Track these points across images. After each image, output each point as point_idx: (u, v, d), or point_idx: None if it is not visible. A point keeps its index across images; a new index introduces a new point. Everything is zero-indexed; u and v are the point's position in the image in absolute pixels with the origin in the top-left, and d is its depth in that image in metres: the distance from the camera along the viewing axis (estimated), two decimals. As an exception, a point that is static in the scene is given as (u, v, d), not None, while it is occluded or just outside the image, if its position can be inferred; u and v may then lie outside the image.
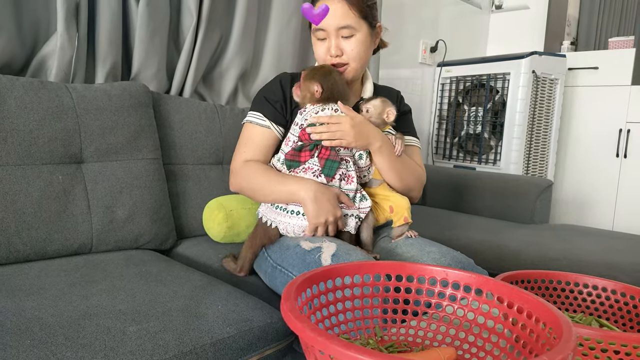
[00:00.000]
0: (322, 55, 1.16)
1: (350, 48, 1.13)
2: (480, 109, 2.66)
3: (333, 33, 1.12)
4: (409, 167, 1.19)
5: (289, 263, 1.03)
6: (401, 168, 1.16)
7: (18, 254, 1.10)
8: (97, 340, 0.75)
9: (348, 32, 1.12)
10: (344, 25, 1.11)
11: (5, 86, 1.14)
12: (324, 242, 1.00)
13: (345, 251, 0.96)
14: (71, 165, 1.23)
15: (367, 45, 1.16)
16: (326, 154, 1.04)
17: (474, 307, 0.72)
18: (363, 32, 1.14)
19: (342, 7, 1.10)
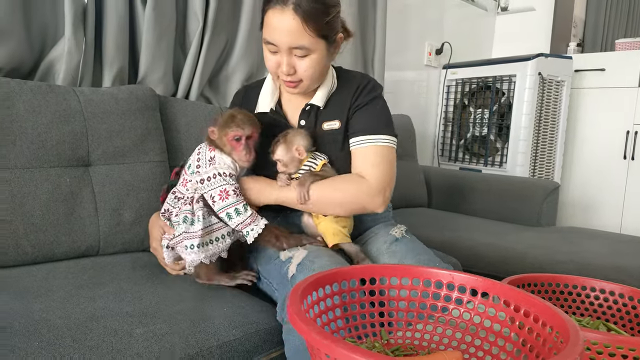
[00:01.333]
0: (272, 68, 1.03)
1: (304, 68, 1.00)
2: (486, 111, 2.65)
3: (284, 50, 0.98)
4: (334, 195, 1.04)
5: (271, 274, 1.04)
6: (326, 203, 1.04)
7: (26, 256, 1.11)
8: (104, 342, 0.76)
9: (302, 53, 0.98)
10: (297, 46, 0.97)
11: (14, 90, 1.16)
12: (297, 251, 0.99)
13: (310, 259, 0.95)
14: (79, 168, 1.24)
15: (324, 62, 1.03)
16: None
17: (481, 311, 0.72)
18: (319, 51, 1.00)
19: (295, 24, 0.94)
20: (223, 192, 0.99)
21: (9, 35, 1.25)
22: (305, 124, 1.12)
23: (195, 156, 1.05)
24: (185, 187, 1.06)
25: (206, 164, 1.02)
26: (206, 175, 1.00)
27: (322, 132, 1.11)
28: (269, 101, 1.13)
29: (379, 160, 1.06)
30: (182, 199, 1.05)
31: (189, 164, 1.06)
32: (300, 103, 1.13)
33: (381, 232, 1.14)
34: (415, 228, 1.39)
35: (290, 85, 1.05)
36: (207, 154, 1.03)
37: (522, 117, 2.48)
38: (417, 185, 2.35)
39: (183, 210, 1.00)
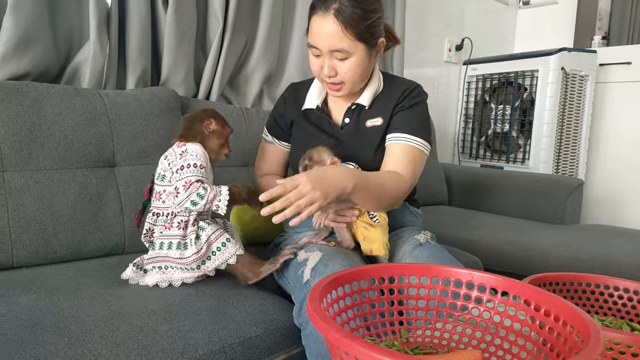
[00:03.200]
0: (316, 71, 1.09)
1: (345, 71, 1.05)
2: (508, 107, 2.61)
3: (326, 53, 1.03)
4: (385, 187, 1.04)
5: (288, 274, 1.05)
6: (378, 195, 1.02)
7: (55, 255, 1.14)
8: (130, 338, 0.78)
9: (342, 55, 1.03)
10: (337, 49, 1.02)
11: (42, 94, 1.20)
12: (313, 252, 0.99)
13: (323, 263, 0.95)
14: (104, 169, 1.27)
15: (365, 65, 1.06)
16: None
17: (501, 310, 0.72)
18: (359, 54, 1.03)
19: (335, 28, 0.99)
20: (187, 183, 0.98)
21: (37, 41, 1.29)
22: (349, 122, 1.17)
23: (163, 161, 1.04)
24: (160, 200, 1.02)
25: (176, 158, 1.02)
26: (175, 168, 1.00)
27: (365, 129, 1.16)
28: (316, 99, 1.19)
29: (413, 160, 1.10)
30: (162, 215, 1.02)
31: (159, 174, 1.04)
32: (345, 102, 1.18)
33: (406, 236, 1.15)
34: (435, 226, 1.39)
35: (334, 88, 1.09)
36: (177, 150, 1.03)
37: (545, 113, 2.44)
38: (437, 183, 2.34)
39: (173, 234, 0.98)
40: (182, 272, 1.00)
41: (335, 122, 1.19)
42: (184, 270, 0.99)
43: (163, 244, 0.99)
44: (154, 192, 1.04)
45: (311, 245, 1.05)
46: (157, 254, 1.00)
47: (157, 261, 1.00)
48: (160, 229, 1.01)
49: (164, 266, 1.00)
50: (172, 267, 1.00)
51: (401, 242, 1.14)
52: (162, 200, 1.02)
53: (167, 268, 1.00)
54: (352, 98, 1.17)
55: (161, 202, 1.02)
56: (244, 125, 1.62)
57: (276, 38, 1.83)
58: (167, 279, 1.00)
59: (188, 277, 1.00)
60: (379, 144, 1.15)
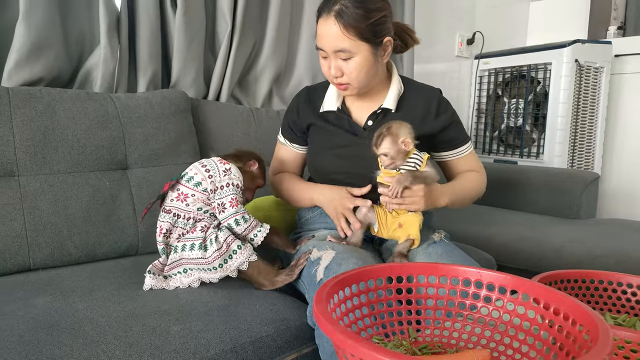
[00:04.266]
0: (325, 72, 1.11)
1: (349, 71, 1.06)
2: (521, 101, 2.58)
3: (331, 54, 1.06)
4: (469, 190, 1.22)
5: (302, 272, 1.05)
6: (465, 197, 1.21)
7: (70, 257, 1.17)
8: (143, 339, 0.80)
9: (345, 56, 1.05)
10: (339, 49, 1.04)
11: (55, 98, 1.22)
12: (326, 251, 1.00)
13: (337, 262, 0.96)
14: (117, 171, 1.29)
15: (369, 65, 1.07)
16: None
17: (510, 309, 0.71)
18: (362, 54, 1.05)
19: (336, 29, 1.02)
20: (234, 200, 1.04)
21: (49, 47, 1.31)
22: (372, 125, 1.16)
23: (201, 169, 1.06)
24: (184, 202, 1.03)
25: (219, 174, 1.06)
26: (220, 184, 1.04)
27: None
28: (335, 101, 1.19)
29: (476, 162, 1.28)
30: (182, 218, 1.03)
31: (190, 176, 1.05)
32: (366, 104, 1.18)
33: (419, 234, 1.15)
34: (448, 223, 1.38)
35: (341, 88, 1.11)
36: (220, 166, 1.07)
37: (559, 106, 2.41)
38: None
39: (195, 236, 1.01)
40: (204, 273, 1.00)
41: (357, 123, 1.19)
42: (206, 270, 1.00)
43: (185, 246, 1.00)
44: (177, 192, 1.04)
45: (323, 243, 1.05)
46: (180, 257, 1.01)
47: (180, 264, 1.01)
48: (180, 231, 1.03)
49: (187, 269, 1.01)
50: (194, 269, 1.00)
51: None
52: (186, 203, 1.03)
53: (190, 270, 1.01)
54: (377, 102, 1.17)
55: (185, 204, 1.03)
56: (254, 126, 1.63)
57: (285, 38, 1.84)
58: (191, 280, 1.01)
59: (211, 277, 1.01)
60: None
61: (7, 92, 1.16)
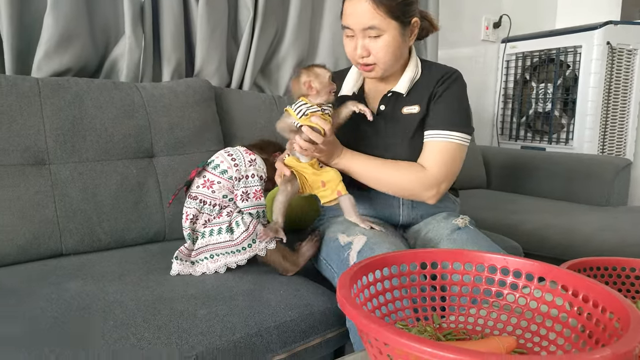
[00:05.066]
0: (349, 53, 1.09)
1: (377, 50, 1.04)
2: (550, 86, 2.51)
3: (359, 33, 1.04)
4: (388, 176, 1.09)
5: (330, 257, 1.06)
6: (374, 179, 1.09)
7: (100, 243, 1.20)
8: (171, 322, 0.82)
9: (374, 33, 1.03)
10: (369, 26, 1.02)
11: (83, 88, 1.24)
12: (356, 236, 1.01)
13: (369, 247, 0.97)
14: (144, 159, 1.31)
15: (397, 44, 1.05)
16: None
17: (537, 296, 0.70)
18: (392, 32, 1.03)
19: (367, 6, 1.00)
20: (257, 192, 1.06)
21: (76, 38, 1.34)
22: (384, 109, 1.15)
23: (227, 157, 1.08)
24: (210, 189, 1.05)
25: (245, 163, 1.07)
26: (245, 174, 1.06)
27: (401, 116, 1.14)
28: (352, 86, 1.18)
29: (444, 156, 1.09)
30: (208, 204, 1.05)
31: (216, 164, 1.07)
32: (382, 90, 1.16)
33: (443, 220, 1.14)
34: (473, 210, 1.36)
35: (366, 69, 1.09)
36: (246, 156, 1.08)
37: (589, 91, 2.33)
38: (475, 167, 2.28)
39: (221, 221, 1.03)
40: (232, 256, 1.02)
41: (372, 109, 1.17)
42: (234, 253, 1.02)
43: (213, 231, 1.02)
44: (203, 179, 1.06)
45: (353, 228, 1.06)
46: (207, 242, 1.02)
47: (206, 250, 1.03)
48: (206, 217, 1.04)
49: (214, 254, 1.02)
50: (221, 254, 1.02)
51: (439, 226, 1.13)
52: (212, 190, 1.05)
53: (217, 256, 1.02)
54: (389, 85, 1.15)
55: (210, 191, 1.05)
56: (276, 113, 1.64)
57: (306, 25, 1.83)
58: (218, 266, 1.02)
59: (240, 260, 1.02)
60: (415, 132, 1.12)
61: (37, 82, 1.19)
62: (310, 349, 0.93)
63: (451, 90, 1.12)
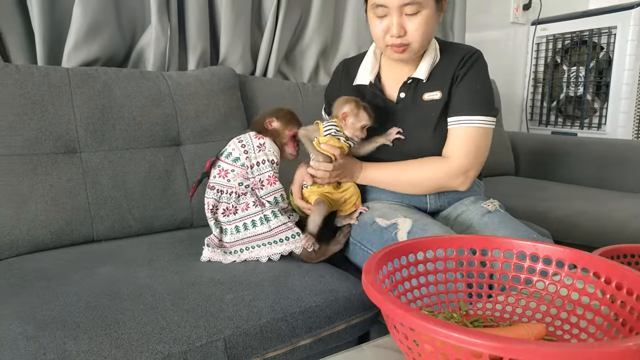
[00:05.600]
0: (379, 34, 1.03)
1: (415, 27, 1.00)
2: (582, 69, 2.43)
3: (395, 10, 0.98)
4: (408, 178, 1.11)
5: (368, 240, 1.05)
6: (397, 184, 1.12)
7: (130, 229, 1.23)
8: (199, 306, 0.83)
9: (414, 9, 0.98)
10: (407, 2, 0.97)
11: (111, 78, 1.27)
12: (399, 218, 1.02)
13: (420, 227, 0.97)
14: (171, 147, 1.33)
15: (433, 23, 1.02)
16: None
17: (568, 283, 0.68)
18: (430, 7, 0.99)
19: None
20: (271, 178, 1.06)
21: (104, 28, 1.36)
22: (404, 97, 1.13)
23: (237, 144, 1.08)
24: (225, 177, 1.06)
25: (254, 149, 1.07)
26: (255, 160, 1.06)
27: (423, 103, 1.11)
28: (369, 74, 1.15)
29: (469, 143, 1.07)
30: (225, 193, 1.06)
31: (228, 152, 1.08)
32: (401, 76, 1.13)
33: (473, 204, 1.12)
34: (501, 197, 1.33)
35: (399, 50, 1.04)
36: (255, 140, 1.08)
37: (624, 73, 2.25)
38: (502, 153, 2.24)
39: (252, 212, 1.03)
40: (269, 248, 1.03)
41: (390, 98, 1.15)
42: (271, 245, 1.03)
43: (247, 225, 1.03)
44: (218, 169, 1.07)
45: (390, 213, 1.06)
46: (243, 236, 1.03)
47: (242, 243, 1.04)
48: (224, 206, 1.05)
49: (249, 247, 1.04)
50: (256, 246, 1.03)
51: (468, 210, 1.11)
52: (227, 178, 1.06)
53: (253, 248, 1.04)
54: (407, 71, 1.12)
55: (226, 180, 1.06)
56: (301, 100, 1.63)
57: (330, 11, 1.81)
58: (249, 257, 1.04)
59: (275, 253, 1.03)
60: (439, 119, 1.10)
61: (67, 72, 1.22)
62: (336, 334, 0.94)
63: (472, 72, 1.08)
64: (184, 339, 0.76)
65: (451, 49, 1.13)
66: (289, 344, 0.87)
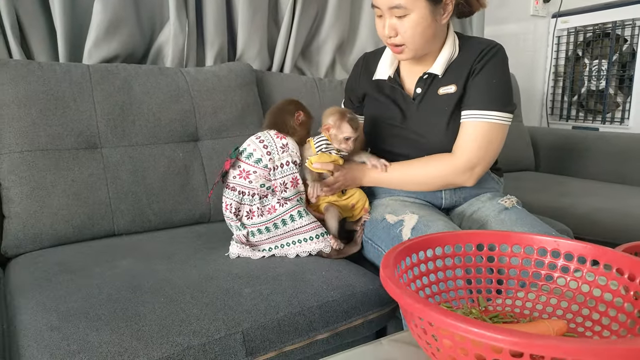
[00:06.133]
0: (380, 32, 1.05)
1: (404, 30, 1.00)
2: (604, 62, 2.38)
3: (386, 12, 1.00)
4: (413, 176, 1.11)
5: (377, 237, 1.06)
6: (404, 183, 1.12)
7: (150, 223, 1.25)
8: (218, 299, 0.84)
9: (400, 12, 0.98)
10: (394, 5, 0.97)
11: (131, 74, 1.28)
12: (406, 215, 1.02)
13: (424, 223, 0.97)
14: (189, 143, 1.35)
15: (426, 24, 1.00)
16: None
17: (590, 279, 0.67)
18: (419, 11, 0.98)
19: None
20: (295, 180, 1.06)
21: (124, 26, 1.37)
22: (420, 92, 1.12)
23: (259, 144, 1.06)
24: (247, 179, 1.05)
25: (277, 150, 1.06)
26: (279, 162, 1.05)
27: (437, 97, 1.10)
28: (388, 69, 1.16)
29: (479, 138, 1.05)
30: (247, 194, 1.05)
31: (249, 153, 1.06)
32: (418, 71, 1.13)
33: (489, 201, 1.12)
34: (521, 193, 1.32)
35: (396, 51, 1.06)
36: (277, 141, 1.06)
37: (648, 66, 2.19)
38: (522, 148, 2.20)
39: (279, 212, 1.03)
40: (299, 246, 1.03)
41: (408, 93, 1.15)
42: (301, 242, 1.03)
43: (277, 224, 1.03)
44: (239, 170, 1.06)
45: (401, 209, 1.06)
46: (274, 234, 1.04)
47: (272, 241, 1.05)
48: (247, 208, 1.05)
49: (279, 245, 1.04)
50: (285, 244, 1.04)
51: (484, 207, 1.10)
52: (249, 180, 1.05)
53: (282, 247, 1.04)
54: (425, 67, 1.11)
55: (247, 181, 1.05)
56: (317, 96, 1.63)
57: (347, 6, 1.80)
58: (278, 253, 1.04)
59: (304, 251, 1.03)
60: (452, 113, 1.08)
61: (88, 69, 1.24)
62: (352, 329, 0.94)
63: (490, 65, 1.06)
64: (203, 332, 0.77)
65: (470, 43, 1.10)
66: (306, 337, 0.87)
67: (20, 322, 0.78)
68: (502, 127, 1.06)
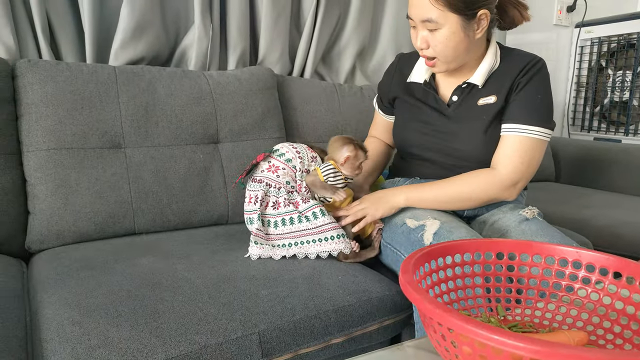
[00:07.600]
0: (413, 42, 1.06)
1: (435, 43, 1.00)
2: (629, 73, 2.34)
3: (419, 24, 1.01)
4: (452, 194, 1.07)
5: (397, 241, 1.06)
6: (442, 201, 1.08)
7: (169, 223, 1.26)
8: (235, 300, 0.85)
9: (432, 26, 0.99)
10: (425, 19, 0.98)
11: (155, 76, 1.31)
12: (427, 220, 1.02)
13: (447, 229, 0.97)
14: (209, 145, 1.36)
15: (458, 39, 0.99)
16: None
17: (611, 292, 0.66)
18: (450, 26, 0.97)
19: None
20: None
21: (150, 28, 1.40)
22: (457, 100, 1.12)
23: (292, 149, 1.12)
24: (275, 173, 1.09)
25: (308, 159, 1.13)
26: (308, 167, 1.12)
27: (476, 107, 1.10)
28: (424, 73, 1.16)
29: (521, 153, 1.04)
30: (273, 187, 1.08)
31: (281, 152, 1.11)
32: (457, 79, 1.13)
33: (510, 211, 1.11)
34: (541, 204, 1.31)
35: (428, 64, 1.07)
36: (309, 152, 1.14)
37: (674, 78, 2.15)
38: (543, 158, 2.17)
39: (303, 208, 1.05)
40: (317, 245, 1.04)
41: (442, 99, 1.14)
42: (320, 242, 1.04)
43: (301, 218, 1.04)
44: (268, 164, 1.10)
45: (421, 214, 1.06)
46: (297, 228, 1.05)
47: (293, 236, 1.05)
48: (273, 199, 1.06)
49: (298, 242, 1.05)
50: (305, 242, 1.05)
51: (505, 217, 1.09)
52: (277, 174, 1.09)
53: (302, 244, 1.05)
54: (464, 76, 1.11)
55: (275, 175, 1.09)
56: (337, 102, 1.64)
57: (369, 12, 1.81)
58: (298, 252, 1.05)
59: (324, 250, 1.04)
60: (490, 124, 1.07)
61: (114, 70, 1.26)
62: (368, 335, 0.94)
63: (535, 80, 1.05)
64: (220, 331, 0.77)
65: (512, 55, 1.10)
66: (322, 341, 0.87)
67: (43, 315, 0.80)
68: (543, 143, 1.05)
